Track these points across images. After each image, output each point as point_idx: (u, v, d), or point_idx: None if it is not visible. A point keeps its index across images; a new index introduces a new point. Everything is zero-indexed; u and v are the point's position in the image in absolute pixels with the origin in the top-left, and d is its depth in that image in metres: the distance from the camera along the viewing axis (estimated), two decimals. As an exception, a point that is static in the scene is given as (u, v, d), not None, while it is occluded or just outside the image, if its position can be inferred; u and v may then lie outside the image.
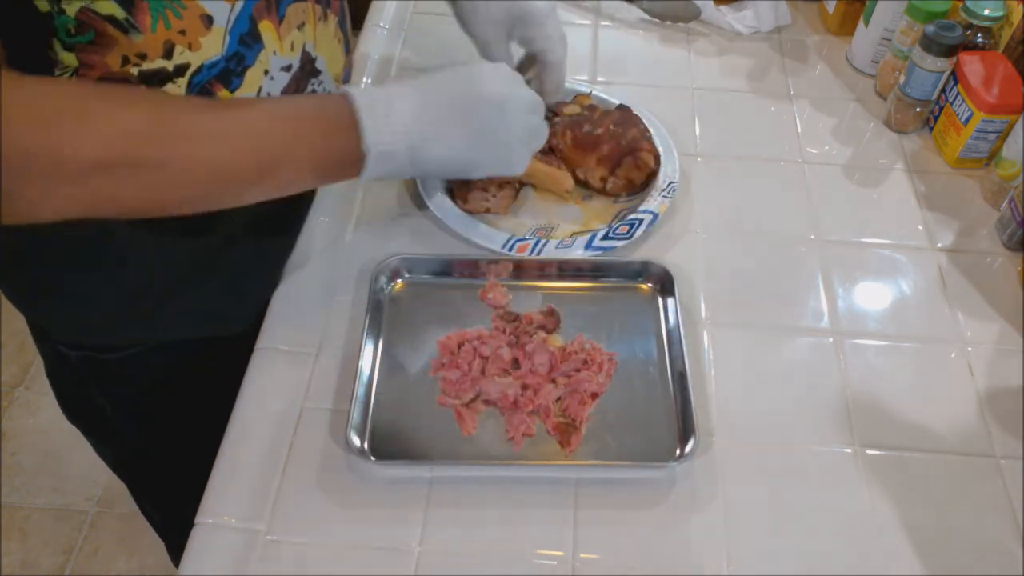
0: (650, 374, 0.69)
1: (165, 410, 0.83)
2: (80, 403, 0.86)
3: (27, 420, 1.69)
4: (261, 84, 0.63)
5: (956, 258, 0.81)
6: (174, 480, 0.83)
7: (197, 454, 0.67)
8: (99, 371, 0.79)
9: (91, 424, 0.90)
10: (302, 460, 0.64)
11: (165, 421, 0.84)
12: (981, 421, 0.68)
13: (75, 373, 0.80)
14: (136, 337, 0.76)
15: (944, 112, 0.89)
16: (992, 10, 0.87)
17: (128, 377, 0.79)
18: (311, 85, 0.68)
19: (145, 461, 0.93)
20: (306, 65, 0.67)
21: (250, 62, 0.62)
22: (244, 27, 0.60)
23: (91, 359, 0.77)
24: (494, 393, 0.66)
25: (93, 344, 0.76)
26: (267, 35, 0.62)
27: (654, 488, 0.63)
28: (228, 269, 0.74)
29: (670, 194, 0.81)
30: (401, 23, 1.03)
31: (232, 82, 0.61)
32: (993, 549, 0.62)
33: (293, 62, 0.65)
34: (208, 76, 0.60)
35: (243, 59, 0.61)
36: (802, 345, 0.73)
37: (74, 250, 0.68)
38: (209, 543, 0.60)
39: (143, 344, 0.76)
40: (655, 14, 1.06)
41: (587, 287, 0.75)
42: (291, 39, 0.64)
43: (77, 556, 1.52)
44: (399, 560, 0.59)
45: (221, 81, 0.61)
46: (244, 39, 0.60)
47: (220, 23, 0.58)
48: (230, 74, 0.61)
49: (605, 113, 0.85)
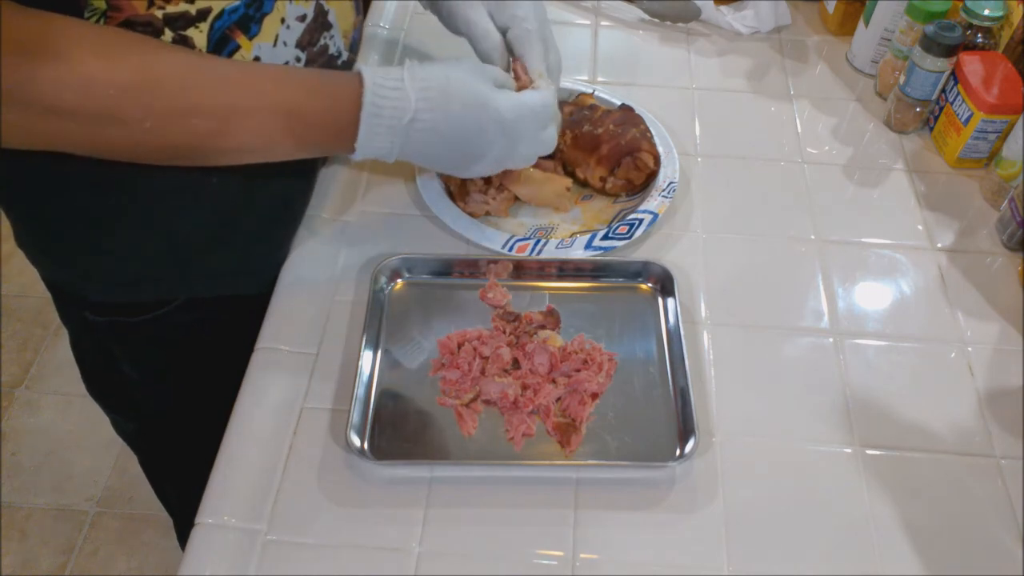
0: (650, 374, 0.69)
1: (188, 373, 0.84)
2: (103, 373, 0.87)
3: (27, 420, 1.69)
4: (278, 32, 0.65)
5: (956, 258, 0.81)
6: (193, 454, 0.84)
7: (216, 427, 0.67)
8: (124, 334, 0.80)
9: (113, 395, 0.91)
10: (302, 460, 0.64)
11: (188, 385, 0.85)
12: (981, 421, 0.68)
13: (99, 342, 0.82)
14: (163, 295, 0.77)
15: (944, 112, 0.89)
16: (992, 10, 0.87)
17: (153, 339, 0.81)
18: (323, 39, 0.70)
19: (166, 433, 0.94)
20: (319, 16, 0.68)
21: (268, 9, 0.64)
22: None
23: (116, 324, 0.79)
24: (494, 393, 0.66)
25: (120, 303, 0.77)
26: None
27: (654, 488, 0.63)
28: (252, 225, 0.76)
29: (670, 194, 0.81)
30: (401, 23, 1.03)
31: (251, 28, 0.63)
32: (993, 549, 0.62)
33: (308, 12, 0.67)
34: (229, 21, 0.62)
35: (261, 5, 0.63)
36: (802, 345, 0.73)
37: (102, 207, 0.70)
38: (209, 543, 0.60)
39: (169, 303, 0.78)
40: (655, 14, 1.06)
41: (587, 287, 0.75)
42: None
43: (77, 556, 1.52)
44: (399, 560, 0.59)
45: (240, 27, 0.63)
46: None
47: None
48: (249, 20, 0.63)
49: (606, 113, 0.85)
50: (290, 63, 0.68)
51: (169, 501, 1.12)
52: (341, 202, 0.82)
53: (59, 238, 0.74)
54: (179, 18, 0.60)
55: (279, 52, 0.66)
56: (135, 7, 0.58)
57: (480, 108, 0.65)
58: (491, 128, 0.66)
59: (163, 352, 0.83)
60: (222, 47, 0.63)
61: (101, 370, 0.88)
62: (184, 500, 1.05)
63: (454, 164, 0.69)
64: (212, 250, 0.76)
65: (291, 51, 0.67)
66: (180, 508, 1.11)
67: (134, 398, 0.89)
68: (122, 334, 0.80)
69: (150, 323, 0.78)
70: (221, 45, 0.63)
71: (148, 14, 0.58)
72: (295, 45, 0.67)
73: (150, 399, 0.88)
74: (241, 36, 0.63)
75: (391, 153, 0.66)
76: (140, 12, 0.58)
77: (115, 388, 0.89)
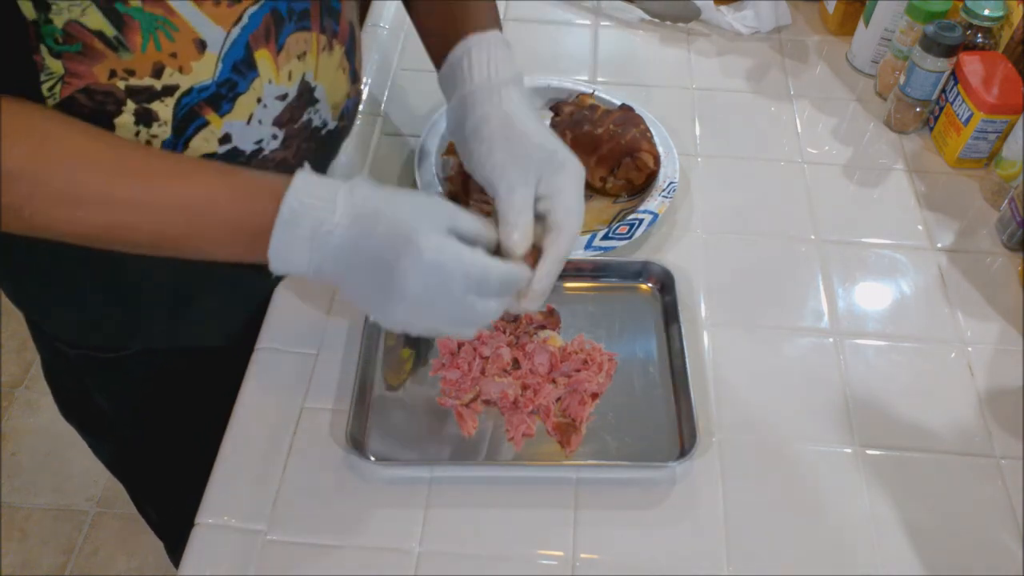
0: (650, 374, 0.69)
1: (163, 409, 0.83)
2: (77, 401, 0.86)
3: (27, 420, 1.69)
4: (253, 111, 0.61)
5: (956, 258, 0.81)
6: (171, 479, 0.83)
7: (194, 453, 0.67)
8: (97, 370, 0.79)
9: (88, 422, 0.90)
10: (302, 460, 0.64)
11: (163, 420, 0.84)
12: (981, 421, 0.68)
13: (73, 371, 0.80)
14: (133, 341, 0.76)
15: (944, 112, 0.89)
16: (992, 10, 0.87)
17: (126, 376, 0.79)
18: (307, 113, 0.66)
19: (142, 460, 0.93)
20: (304, 94, 0.64)
21: (242, 89, 0.60)
22: (239, 54, 0.58)
23: (89, 358, 0.77)
24: (494, 393, 0.66)
25: (92, 344, 0.76)
26: (263, 63, 0.60)
27: (654, 488, 0.63)
28: (225, 281, 0.71)
29: (670, 194, 0.81)
30: (401, 23, 1.03)
31: (222, 107, 0.59)
32: (993, 549, 0.62)
33: (290, 91, 0.63)
34: (197, 99, 0.58)
35: (235, 86, 0.59)
36: (802, 345, 0.73)
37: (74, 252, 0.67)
38: (209, 543, 0.60)
39: (128, 347, 0.76)
40: (655, 14, 1.06)
41: (587, 287, 0.75)
42: (289, 68, 0.62)
43: (77, 556, 1.52)
44: (399, 560, 0.59)
45: (210, 105, 0.59)
46: (238, 66, 0.58)
47: (213, 49, 0.56)
48: (220, 99, 0.59)
49: (606, 113, 0.85)
50: (264, 140, 0.63)
51: (151, 520, 1.09)
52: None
53: (17, 270, 0.71)
54: (143, 91, 0.56)
55: (252, 130, 0.62)
56: (95, 75, 0.54)
57: (404, 241, 0.52)
58: (409, 268, 0.52)
59: (135, 387, 0.81)
60: (188, 122, 0.59)
61: (75, 396, 0.86)
62: (165, 519, 1.04)
63: (373, 300, 0.55)
64: (183, 303, 0.72)
65: (267, 129, 0.63)
66: (162, 527, 1.10)
67: (109, 425, 0.86)
68: (92, 367, 0.78)
69: (122, 361, 0.76)
70: (187, 120, 0.59)
71: (109, 84, 0.55)
72: (272, 123, 0.63)
73: (125, 426, 0.86)
74: (211, 112, 0.59)
75: (309, 269, 0.54)
76: (101, 81, 0.54)
77: (89, 415, 0.87)
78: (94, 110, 0.56)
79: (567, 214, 0.59)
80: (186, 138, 0.59)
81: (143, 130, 0.58)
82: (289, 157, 0.67)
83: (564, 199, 0.59)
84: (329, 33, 0.64)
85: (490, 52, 0.64)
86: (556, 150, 0.61)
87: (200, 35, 0.55)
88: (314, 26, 0.62)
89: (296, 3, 0.60)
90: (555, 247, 0.58)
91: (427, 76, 0.70)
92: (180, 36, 0.55)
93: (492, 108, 0.62)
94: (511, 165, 0.59)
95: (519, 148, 0.60)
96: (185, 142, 0.60)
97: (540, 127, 0.62)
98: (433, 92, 0.70)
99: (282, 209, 0.52)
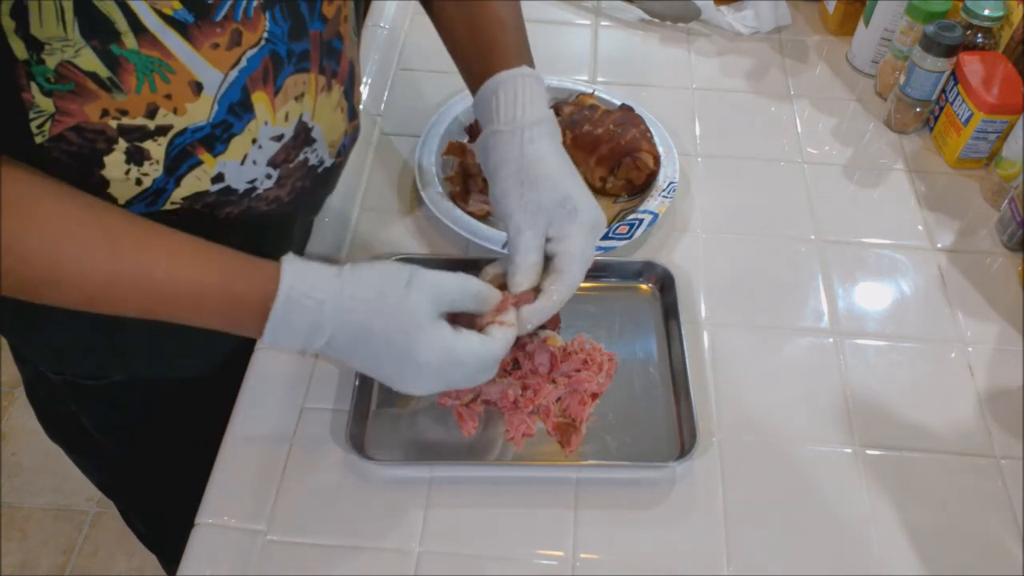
0: (650, 374, 0.69)
1: (151, 433, 0.82)
2: (61, 421, 0.84)
3: (27, 420, 1.69)
4: (247, 152, 0.60)
5: (956, 258, 0.81)
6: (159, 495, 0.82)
7: (184, 470, 0.66)
8: (80, 394, 0.77)
9: (73, 442, 0.88)
10: (302, 460, 0.64)
11: (151, 443, 0.83)
12: (981, 421, 0.68)
13: (56, 394, 0.78)
14: (116, 370, 0.75)
15: (944, 112, 0.89)
16: (992, 10, 0.87)
17: (111, 403, 0.78)
18: (303, 153, 0.64)
19: (129, 478, 0.91)
20: (300, 134, 0.63)
21: (237, 130, 0.59)
22: (235, 96, 0.57)
23: (72, 383, 0.76)
24: (494, 393, 0.66)
25: (73, 372, 0.75)
26: (260, 106, 0.59)
27: (654, 488, 0.63)
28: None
29: (670, 194, 0.81)
30: (401, 23, 1.03)
31: (216, 147, 0.59)
32: (993, 549, 0.62)
33: (286, 132, 0.62)
34: (191, 139, 0.57)
35: (230, 127, 0.58)
36: (802, 345, 0.73)
37: None
38: (209, 543, 0.60)
39: (110, 376, 0.75)
40: (655, 14, 1.06)
41: (587, 287, 0.75)
42: (286, 110, 0.60)
43: (77, 556, 1.52)
44: (399, 560, 0.59)
45: (204, 145, 0.58)
46: (234, 108, 0.57)
47: (210, 91, 0.55)
48: (215, 140, 0.58)
49: (606, 113, 0.85)
50: (258, 180, 0.62)
51: (141, 534, 1.08)
52: (342, 203, 0.82)
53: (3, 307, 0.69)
54: (136, 131, 0.55)
55: (246, 170, 0.61)
56: (86, 114, 0.53)
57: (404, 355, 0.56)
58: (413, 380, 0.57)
59: (121, 412, 0.80)
60: (181, 161, 0.58)
61: (60, 417, 0.84)
62: (154, 533, 1.03)
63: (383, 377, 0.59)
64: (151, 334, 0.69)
65: (261, 169, 0.62)
66: (152, 541, 1.08)
67: (95, 445, 0.85)
68: (77, 393, 0.77)
69: (105, 388, 0.75)
70: (180, 160, 0.58)
71: (101, 123, 0.54)
72: (267, 163, 0.62)
73: (111, 450, 0.85)
74: (204, 152, 0.58)
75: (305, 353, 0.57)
76: (92, 120, 0.54)
77: (74, 436, 0.85)
78: (84, 148, 0.55)
79: (570, 261, 0.62)
80: (178, 176, 0.58)
81: (134, 168, 0.57)
82: (283, 195, 0.65)
83: (569, 245, 0.62)
84: (328, 73, 0.63)
85: (516, 91, 0.65)
86: (569, 196, 0.63)
87: (197, 78, 0.54)
88: (313, 67, 0.61)
89: (296, 44, 0.59)
90: (551, 289, 0.62)
91: (427, 76, 0.70)
92: (176, 78, 0.54)
93: (512, 151, 0.64)
94: (521, 209, 0.62)
95: (531, 193, 0.62)
96: (177, 180, 0.59)
97: (559, 171, 0.64)
98: (433, 92, 0.70)
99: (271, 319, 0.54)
